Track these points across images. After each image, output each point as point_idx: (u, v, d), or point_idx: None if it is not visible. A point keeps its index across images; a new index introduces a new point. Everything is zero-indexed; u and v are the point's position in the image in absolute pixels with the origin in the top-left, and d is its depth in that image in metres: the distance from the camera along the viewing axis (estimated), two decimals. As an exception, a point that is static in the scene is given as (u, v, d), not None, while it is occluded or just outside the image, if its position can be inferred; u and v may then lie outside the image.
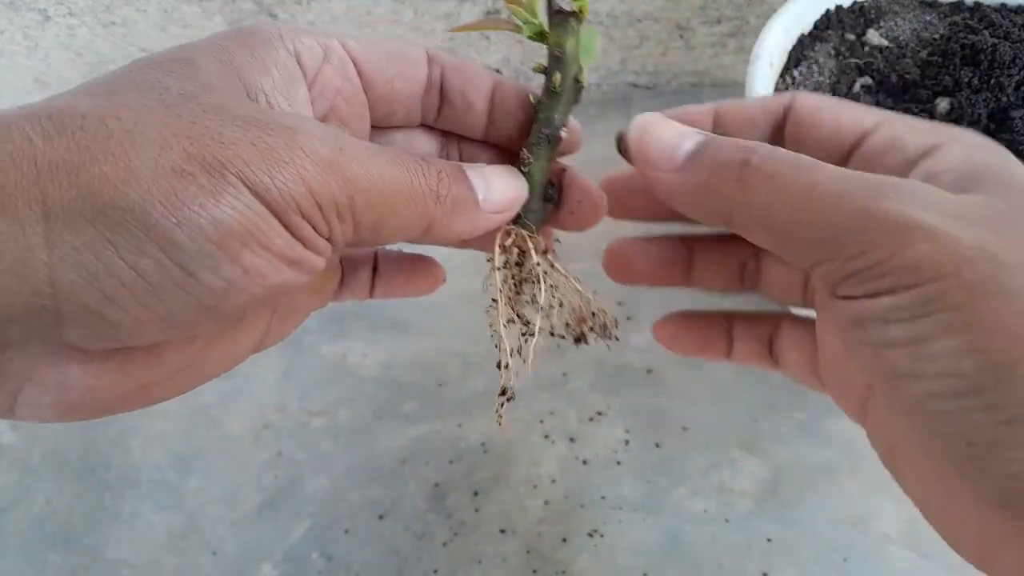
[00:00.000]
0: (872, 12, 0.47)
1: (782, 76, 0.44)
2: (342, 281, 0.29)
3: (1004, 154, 0.21)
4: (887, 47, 0.45)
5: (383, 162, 0.20)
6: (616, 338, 0.28)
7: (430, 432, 0.45)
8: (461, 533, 0.41)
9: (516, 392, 0.26)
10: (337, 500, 0.43)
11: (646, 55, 0.59)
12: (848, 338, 0.20)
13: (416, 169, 0.21)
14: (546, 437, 0.44)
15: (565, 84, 0.25)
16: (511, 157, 0.26)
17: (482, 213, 0.24)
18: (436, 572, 0.40)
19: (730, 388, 0.45)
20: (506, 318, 0.26)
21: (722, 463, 0.43)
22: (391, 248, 0.29)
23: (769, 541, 0.40)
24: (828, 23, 0.46)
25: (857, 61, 0.44)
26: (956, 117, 0.39)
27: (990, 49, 0.40)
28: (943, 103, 0.40)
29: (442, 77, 0.25)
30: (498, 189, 0.24)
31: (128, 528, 0.43)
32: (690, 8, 0.55)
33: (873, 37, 0.45)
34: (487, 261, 0.26)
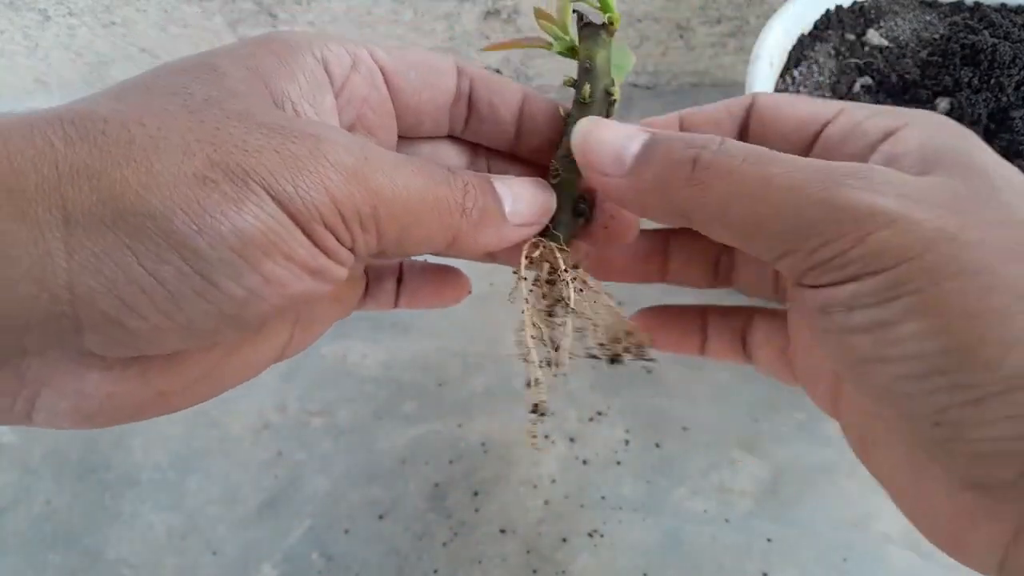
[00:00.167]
0: (872, 12, 0.47)
1: (782, 76, 0.44)
2: (366, 291, 0.28)
3: (965, 134, 0.20)
4: (887, 47, 0.45)
5: (408, 172, 0.20)
6: (653, 359, 0.27)
7: (430, 432, 0.45)
8: (461, 533, 0.41)
9: (548, 409, 0.25)
10: (337, 500, 0.43)
11: (646, 55, 0.59)
12: (815, 327, 0.20)
13: (442, 180, 0.21)
14: (546, 437, 0.44)
15: (595, 96, 0.24)
16: (541, 171, 0.26)
17: (509, 225, 0.23)
18: (436, 572, 0.40)
19: (730, 388, 0.45)
20: (533, 332, 0.25)
21: (722, 463, 0.43)
22: (416, 258, 0.29)
23: (769, 541, 0.40)
24: (828, 23, 0.46)
25: (857, 61, 0.44)
26: (956, 117, 0.39)
27: (990, 49, 0.40)
28: (943, 103, 0.40)
29: (471, 88, 0.25)
30: (525, 201, 0.23)
31: (128, 528, 0.43)
32: (690, 8, 0.55)
33: (873, 37, 0.45)
34: (513, 273, 0.25)
